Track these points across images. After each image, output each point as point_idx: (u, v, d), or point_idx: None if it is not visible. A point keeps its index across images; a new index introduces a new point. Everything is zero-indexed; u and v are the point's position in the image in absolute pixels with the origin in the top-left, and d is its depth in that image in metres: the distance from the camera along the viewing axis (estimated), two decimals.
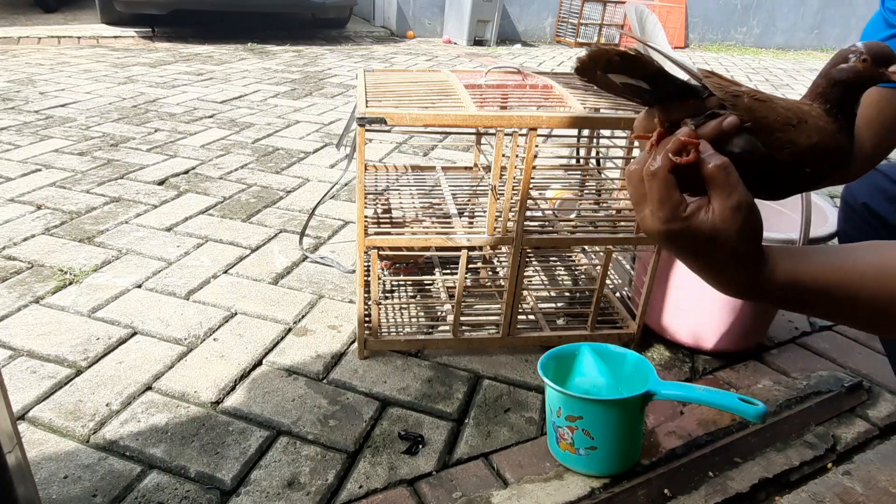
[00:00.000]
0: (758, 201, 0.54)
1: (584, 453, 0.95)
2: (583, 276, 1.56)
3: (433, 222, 1.26)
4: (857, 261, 0.54)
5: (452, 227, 1.19)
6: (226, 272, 1.54)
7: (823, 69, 0.53)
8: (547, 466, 0.99)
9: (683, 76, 0.51)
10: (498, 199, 1.11)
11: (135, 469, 0.95)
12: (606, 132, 1.41)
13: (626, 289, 1.40)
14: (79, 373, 1.16)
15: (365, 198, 1.08)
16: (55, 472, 0.94)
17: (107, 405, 1.08)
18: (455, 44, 6.47)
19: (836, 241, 1.10)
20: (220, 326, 1.32)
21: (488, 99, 1.26)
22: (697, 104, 0.51)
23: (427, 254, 1.50)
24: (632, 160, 0.52)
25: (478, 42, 6.46)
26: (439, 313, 1.39)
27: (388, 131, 2.71)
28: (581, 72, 0.49)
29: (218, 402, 1.10)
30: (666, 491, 0.96)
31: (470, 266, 1.52)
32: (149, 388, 1.13)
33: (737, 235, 0.49)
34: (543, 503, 0.92)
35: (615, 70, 0.49)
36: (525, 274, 1.32)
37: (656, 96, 0.51)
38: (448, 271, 1.50)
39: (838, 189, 2.52)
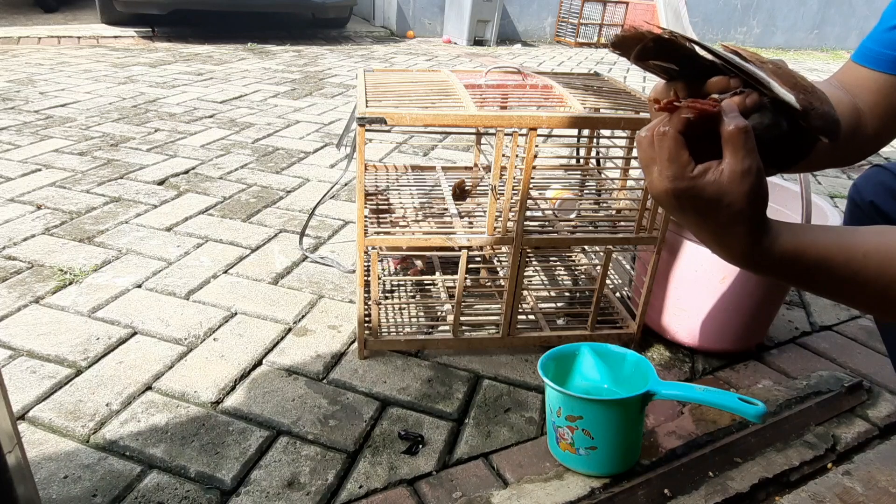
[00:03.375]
0: None
1: (584, 453, 0.95)
2: (583, 276, 1.56)
3: (432, 223, 1.26)
4: (862, 240, 0.55)
5: (452, 227, 1.19)
6: (226, 272, 1.54)
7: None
8: (547, 466, 0.99)
9: (709, 57, 0.52)
10: (498, 199, 1.11)
11: (135, 469, 0.95)
12: (606, 132, 1.41)
13: (626, 289, 1.40)
14: (79, 373, 1.16)
15: (365, 198, 1.08)
16: (55, 472, 0.94)
17: (107, 405, 1.08)
18: (455, 44, 6.47)
19: None
20: (220, 326, 1.32)
21: (488, 99, 1.26)
22: (722, 82, 0.53)
23: (430, 253, 1.50)
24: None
25: (478, 42, 6.46)
26: (439, 313, 1.39)
27: (388, 131, 2.71)
28: (617, 46, 0.52)
29: (218, 402, 1.10)
30: (666, 491, 0.96)
31: (470, 266, 1.52)
32: (149, 388, 1.13)
33: (744, 198, 0.50)
34: (543, 503, 0.92)
35: (647, 56, 0.52)
36: (525, 274, 1.32)
37: (684, 75, 0.54)
38: (448, 272, 1.50)
39: (838, 189, 2.52)
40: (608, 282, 1.41)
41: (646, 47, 0.51)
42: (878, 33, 0.73)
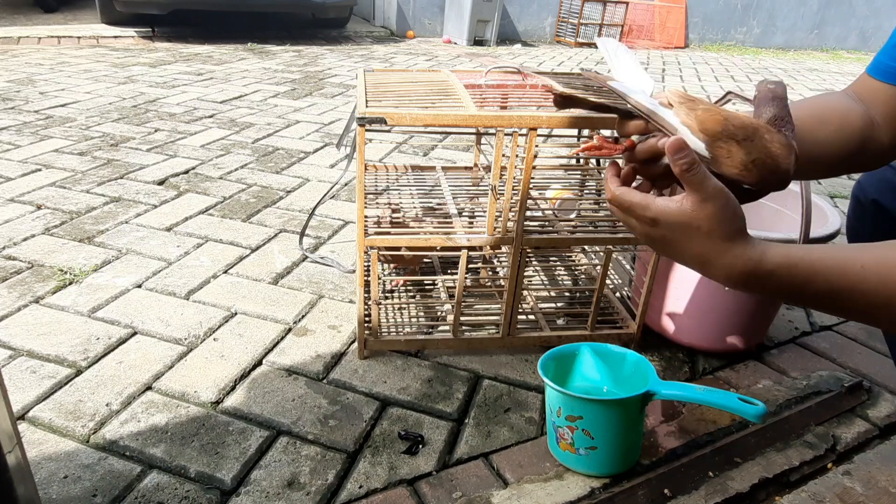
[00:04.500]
0: (757, 203, 0.56)
1: (584, 453, 0.95)
2: (583, 276, 1.56)
3: (433, 223, 1.26)
4: (859, 253, 0.56)
5: (452, 227, 1.19)
6: (226, 272, 1.54)
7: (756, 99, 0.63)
8: (547, 466, 0.99)
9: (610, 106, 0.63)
10: (498, 199, 1.11)
11: (135, 469, 0.95)
12: (606, 132, 1.41)
13: (626, 289, 1.40)
14: (79, 373, 1.16)
15: (365, 198, 1.08)
16: (55, 472, 0.94)
17: (107, 405, 1.08)
18: (455, 44, 6.47)
19: (835, 240, 1.10)
20: (220, 326, 1.32)
21: (488, 99, 1.26)
22: (640, 125, 0.63)
23: (427, 254, 1.50)
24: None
25: (478, 42, 6.46)
26: (439, 313, 1.39)
27: (388, 131, 2.71)
28: (559, 105, 0.68)
29: (218, 402, 1.10)
30: (666, 491, 0.96)
31: (470, 266, 1.52)
32: (149, 388, 1.13)
33: (711, 220, 0.56)
34: (543, 503, 0.92)
35: (567, 105, 0.68)
36: (525, 274, 1.32)
37: (621, 114, 0.64)
38: (449, 273, 1.50)
39: (838, 189, 2.52)
40: (608, 282, 1.41)
41: (560, 100, 0.67)
42: (890, 48, 0.75)
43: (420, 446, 1.03)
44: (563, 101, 0.66)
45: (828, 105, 0.78)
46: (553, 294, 1.50)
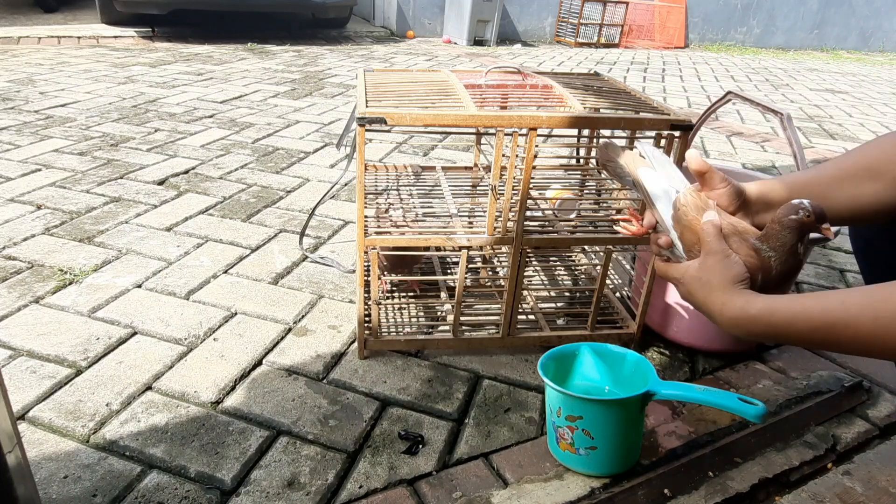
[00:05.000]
0: None
1: (584, 453, 0.95)
2: (583, 276, 1.56)
3: (433, 223, 1.26)
4: (841, 293, 0.62)
5: (452, 227, 1.19)
6: (226, 272, 1.54)
7: (777, 216, 0.69)
8: (547, 466, 0.99)
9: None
10: (498, 199, 1.11)
11: (135, 469, 0.95)
12: (606, 132, 1.40)
13: (626, 289, 1.40)
14: (79, 373, 1.16)
15: (365, 198, 1.08)
16: (55, 472, 0.94)
17: (107, 405, 1.08)
18: (455, 44, 6.47)
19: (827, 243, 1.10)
20: (220, 326, 1.32)
21: (488, 99, 1.26)
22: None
23: (427, 254, 1.50)
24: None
25: (478, 42, 6.46)
26: (439, 313, 1.39)
27: (388, 131, 2.71)
28: (604, 168, 0.86)
29: (218, 402, 1.10)
30: (666, 491, 0.96)
31: (470, 266, 1.52)
32: (149, 388, 1.13)
33: (707, 272, 0.70)
34: (543, 503, 0.92)
35: (611, 175, 0.86)
36: (525, 274, 1.32)
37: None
38: (449, 273, 1.50)
39: None
40: (608, 282, 1.41)
41: (603, 165, 0.85)
42: None
43: (420, 446, 1.03)
44: (606, 169, 0.85)
45: (878, 156, 0.74)
46: (553, 294, 1.50)
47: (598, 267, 1.30)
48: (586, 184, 1.49)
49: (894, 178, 0.72)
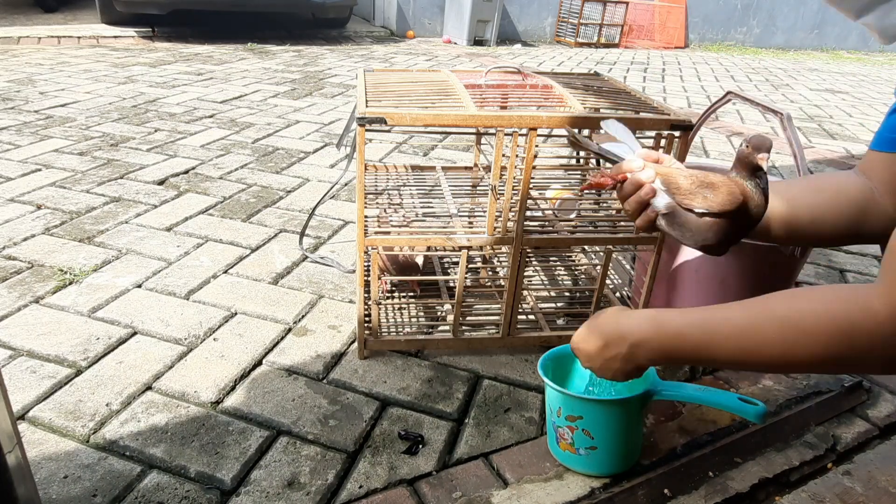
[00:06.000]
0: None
1: (584, 453, 0.95)
2: (583, 276, 1.56)
3: (433, 223, 1.26)
4: (723, 306, 0.69)
5: (452, 227, 1.19)
6: (226, 272, 1.54)
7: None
8: (547, 466, 0.99)
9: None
10: (498, 199, 1.11)
11: (135, 469, 0.95)
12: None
13: (626, 289, 1.40)
14: (79, 373, 1.16)
15: (365, 198, 1.08)
16: (55, 472, 0.94)
17: (107, 405, 1.08)
18: (455, 44, 6.47)
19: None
20: (220, 326, 1.32)
21: (488, 99, 1.26)
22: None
23: (426, 253, 1.50)
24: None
25: (478, 42, 6.46)
26: (439, 313, 1.39)
27: (388, 131, 2.71)
28: (572, 145, 0.89)
29: (218, 402, 1.10)
30: (666, 491, 0.96)
31: (470, 266, 1.52)
32: (149, 388, 1.13)
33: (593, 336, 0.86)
34: (543, 503, 0.92)
35: (576, 148, 0.91)
36: (525, 274, 1.32)
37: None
38: (449, 273, 1.50)
39: None
40: (608, 282, 1.41)
41: (571, 142, 0.87)
42: (888, 124, 0.79)
43: (420, 446, 1.03)
44: (574, 144, 0.88)
45: (825, 177, 0.88)
46: (553, 294, 1.50)
47: (598, 267, 1.30)
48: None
49: (835, 192, 0.83)
